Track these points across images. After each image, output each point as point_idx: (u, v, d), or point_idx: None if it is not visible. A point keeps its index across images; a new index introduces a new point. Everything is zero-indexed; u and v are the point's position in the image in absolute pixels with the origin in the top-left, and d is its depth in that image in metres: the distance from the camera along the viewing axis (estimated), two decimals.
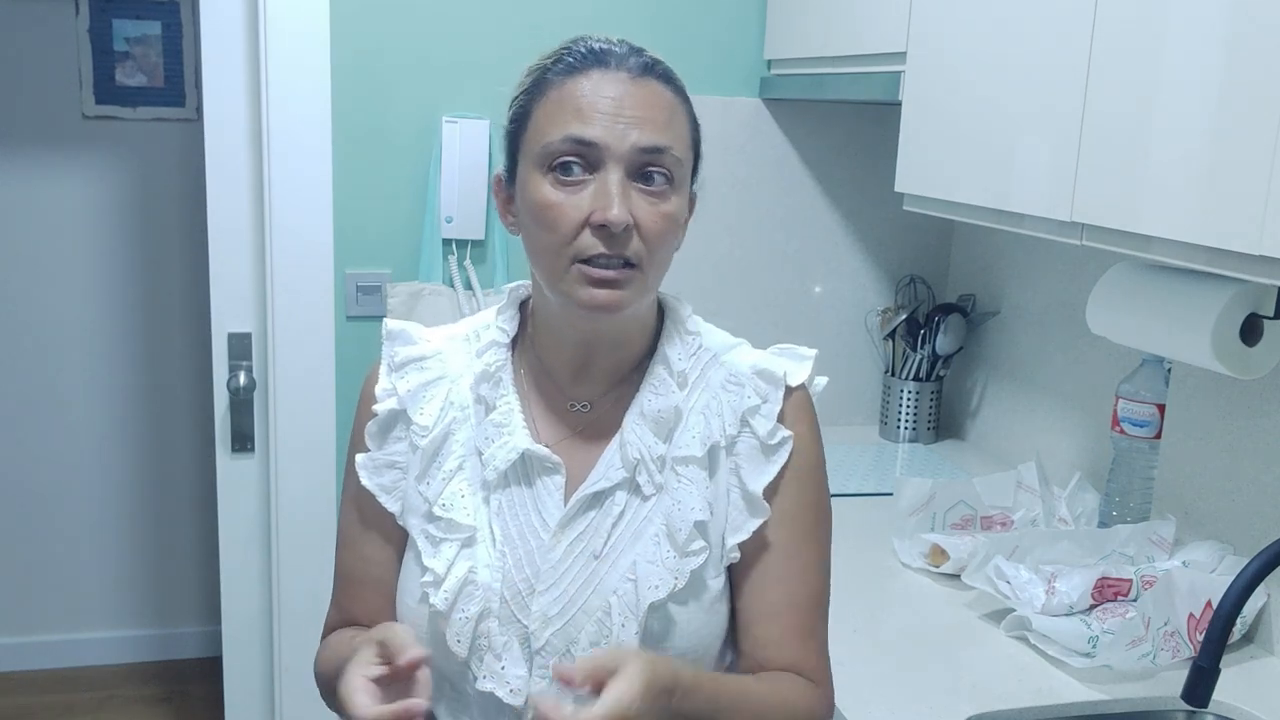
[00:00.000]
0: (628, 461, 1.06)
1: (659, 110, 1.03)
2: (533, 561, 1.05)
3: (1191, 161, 1.20)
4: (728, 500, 1.07)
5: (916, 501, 1.73)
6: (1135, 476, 1.73)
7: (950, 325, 2.25)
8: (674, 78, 1.07)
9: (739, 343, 1.16)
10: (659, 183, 1.02)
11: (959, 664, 1.42)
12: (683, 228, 1.08)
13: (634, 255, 1.00)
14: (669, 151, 1.02)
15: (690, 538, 1.04)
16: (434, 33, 2.12)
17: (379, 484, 1.10)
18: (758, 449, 1.08)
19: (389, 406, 1.10)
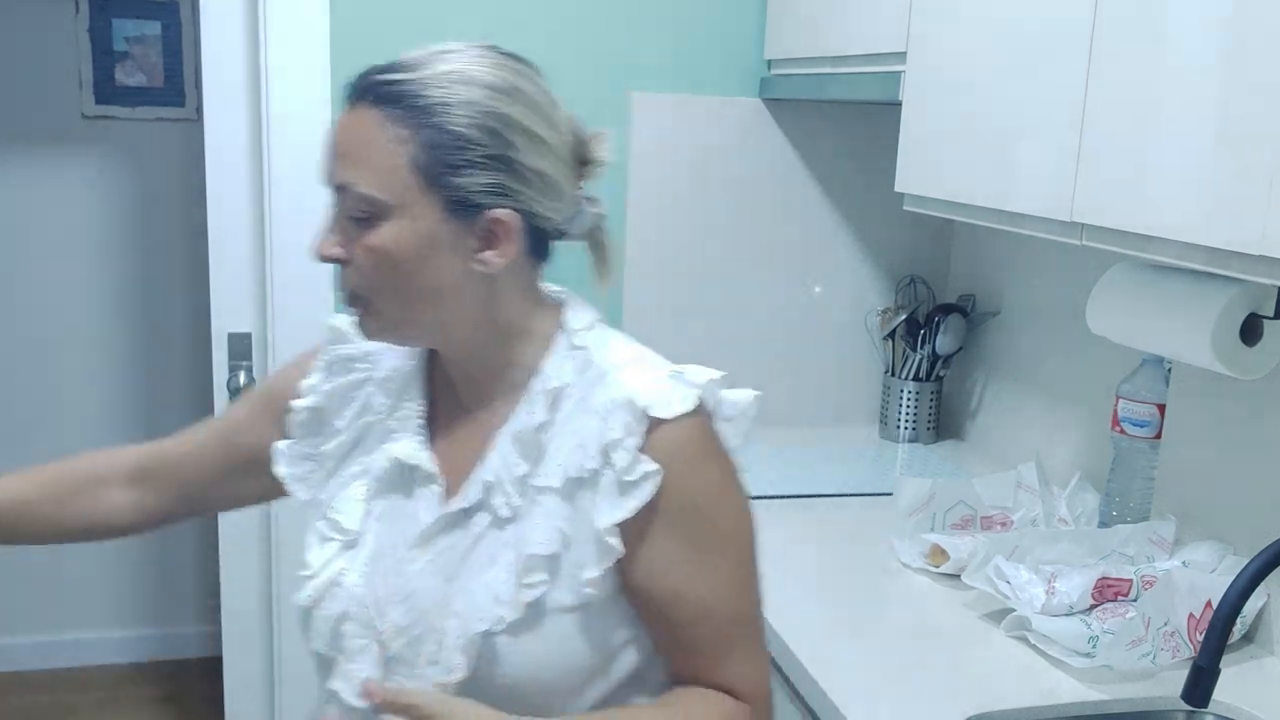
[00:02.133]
0: (485, 484, 1.04)
1: (351, 143, 1.00)
2: (398, 571, 1.06)
3: (1192, 161, 1.20)
4: (584, 536, 1.02)
5: (916, 501, 1.74)
6: (1135, 476, 1.73)
7: (950, 325, 2.25)
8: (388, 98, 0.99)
9: (635, 360, 1.09)
10: (359, 216, 1.00)
11: (959, 664, 1.42)
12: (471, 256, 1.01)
13: (351, 288, 1.03)
14: (354, 188, 0.99)
15: (529, 570, 1.01)
16: (434, 33, 2.11)
17: (293, 474, 1.14)
18: (615, 485, 1.01)
19: (307, 404, 1.14)
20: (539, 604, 1.01)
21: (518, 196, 1.01)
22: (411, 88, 0.99)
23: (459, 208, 0.99)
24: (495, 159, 0.99)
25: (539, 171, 1.02)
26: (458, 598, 1.03)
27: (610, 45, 2.19)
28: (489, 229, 1.01)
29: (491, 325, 1.05)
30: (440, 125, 0.98)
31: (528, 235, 1.03)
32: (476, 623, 1.01)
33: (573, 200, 1.07)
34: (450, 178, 0.98)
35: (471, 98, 0.99)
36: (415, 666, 1.04)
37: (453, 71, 1.00)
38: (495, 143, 0.99)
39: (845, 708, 1.30)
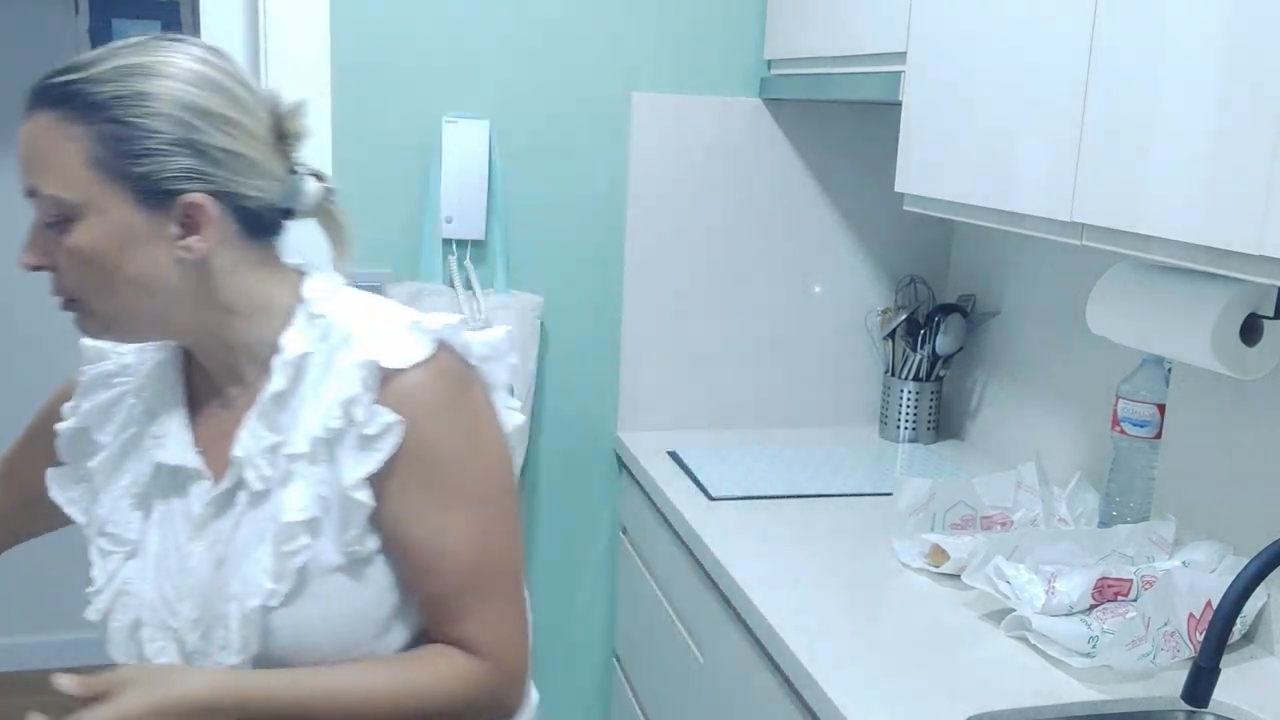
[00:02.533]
0: (236, 461, 1.06)
1: (30, 148, 1.01)
2: (180, 568, 1.08)
3: (1192, 161, 1.20)
4: (339, 497, 1.04)
5: (916, 501, 1.74)
6: (1135, 476, 1.73)
7: (950, 325, 2.25)
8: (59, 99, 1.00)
9: (375, 318, 1.09)
10: (53, 220, 1.02)
11: (959, 664, 1.42)
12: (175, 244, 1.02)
13: (65, 292, 1.04)
14: (39, 191, 1.01)
15: (289, 538, 1.03)
16: (434, 33, 2.12)
17: (67, 498, 1.16)
18: (357, 440, 1.03)
19: (70, 425, 1.16)
20: (305, 570, 1.03)
21: (211, 179, 1.02)
22: (82, 86, 0.99)
23: (149, 197, 1.00)
24: (179, 144, 1.00)
25: (230, 151, 1.03)
26: (231, 580, 1.04)
27: (610, 45, 2.19)
28: (186, 214, 1.02)
29: (216, 308, 1.06)
30: (115, 118, 0.99)
31: (235, 216, 1.04)
32: (251, 599, 1.03)
33: (282, 177, 1.08)
34: (132, 168, 0.99)
35: (145, 88, 1.00)
36: (210, 655, 1.06)
37: (125, 65, 1.01)
38: (176, 129, 1.00)
39: (845, 708, 1.30)
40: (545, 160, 2.21)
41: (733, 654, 1.69)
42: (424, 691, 1.05)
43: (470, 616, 1.07)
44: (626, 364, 2.31)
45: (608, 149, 2.23)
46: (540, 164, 2.21)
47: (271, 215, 1.09)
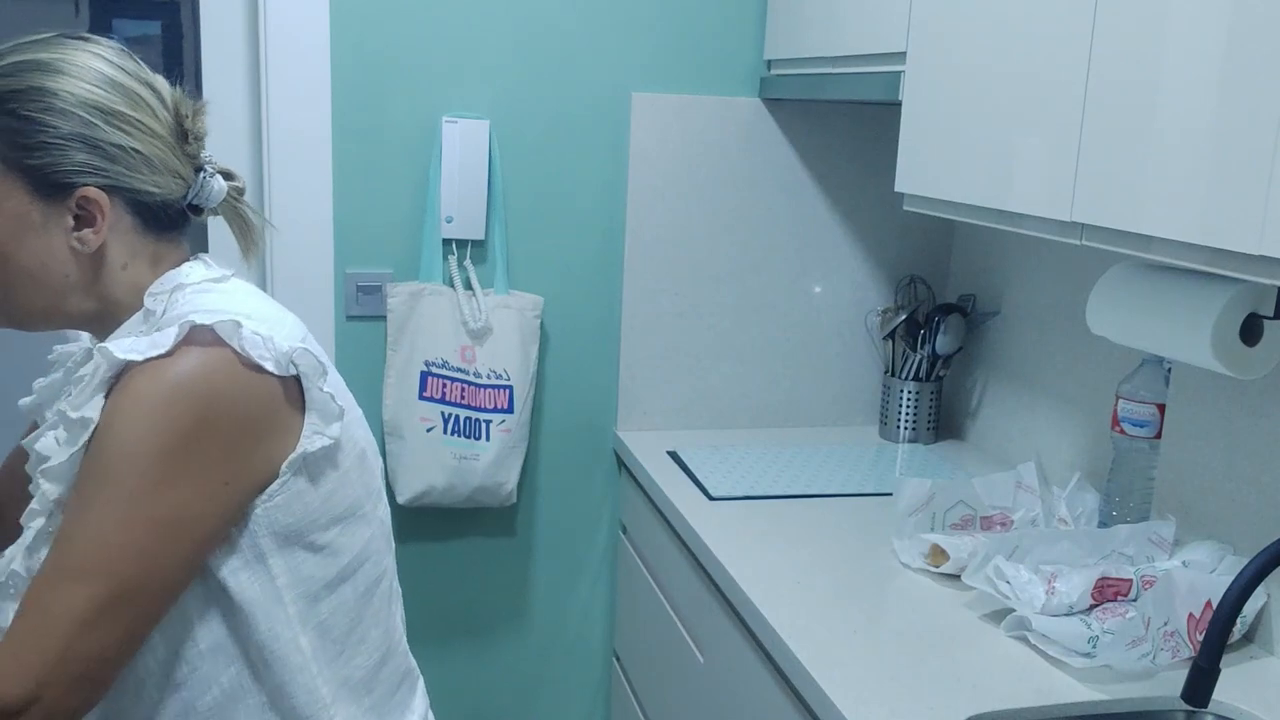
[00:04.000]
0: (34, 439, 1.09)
1: None
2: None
3: (1192, 161, 1.20)
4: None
5: (916, 501, 1.74)
6: (1135, 476, 1.73)
7: (950, 325, 2.25)
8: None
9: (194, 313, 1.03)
10: None
11: (959, 664, 1.42)
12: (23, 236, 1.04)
13: None
14: None
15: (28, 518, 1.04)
16: (434, 33, 2.12)
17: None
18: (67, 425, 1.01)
19: (27, 402, 1.23)
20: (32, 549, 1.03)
21: (106, 173, 1.05)
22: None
23: (45, 188, 1.03)
24: (76, 139, 1.03)
25: (127, 149, 1.05)
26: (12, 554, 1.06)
27: (610, 45, 2.19)
28: (81, 207, 1.05)
29: (104, 300, 1.09)
30: (13, 112, 1.03)
31: (131, 210, 1.07)
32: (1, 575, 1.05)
33: (184, 175, 1.11)
34: (27, 160, 1.03)
35: (45, 84, 1.04)
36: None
37: (26, 60, 1.06)
38: (72, 123, 1.03)
39: (845, 708, 1.30)
40: (545, 160, 2.21)
41: (733, 654, 1.69)
42: None
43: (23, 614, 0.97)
44: (626, 364, 2.31)
45: (608, 149, 2.24)
46: (540, 164, 2.21)
47: (171, 212, 1.12)
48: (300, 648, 1.09)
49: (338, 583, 1.11)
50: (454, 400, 2.14)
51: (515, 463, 2.19)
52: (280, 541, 1.06)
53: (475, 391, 2.14)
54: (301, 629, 1.09)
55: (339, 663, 1.13)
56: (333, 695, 1.12)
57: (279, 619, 1.07)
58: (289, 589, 1.08)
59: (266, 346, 1.02)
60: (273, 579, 1.07)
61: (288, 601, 1.08)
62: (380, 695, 1.19)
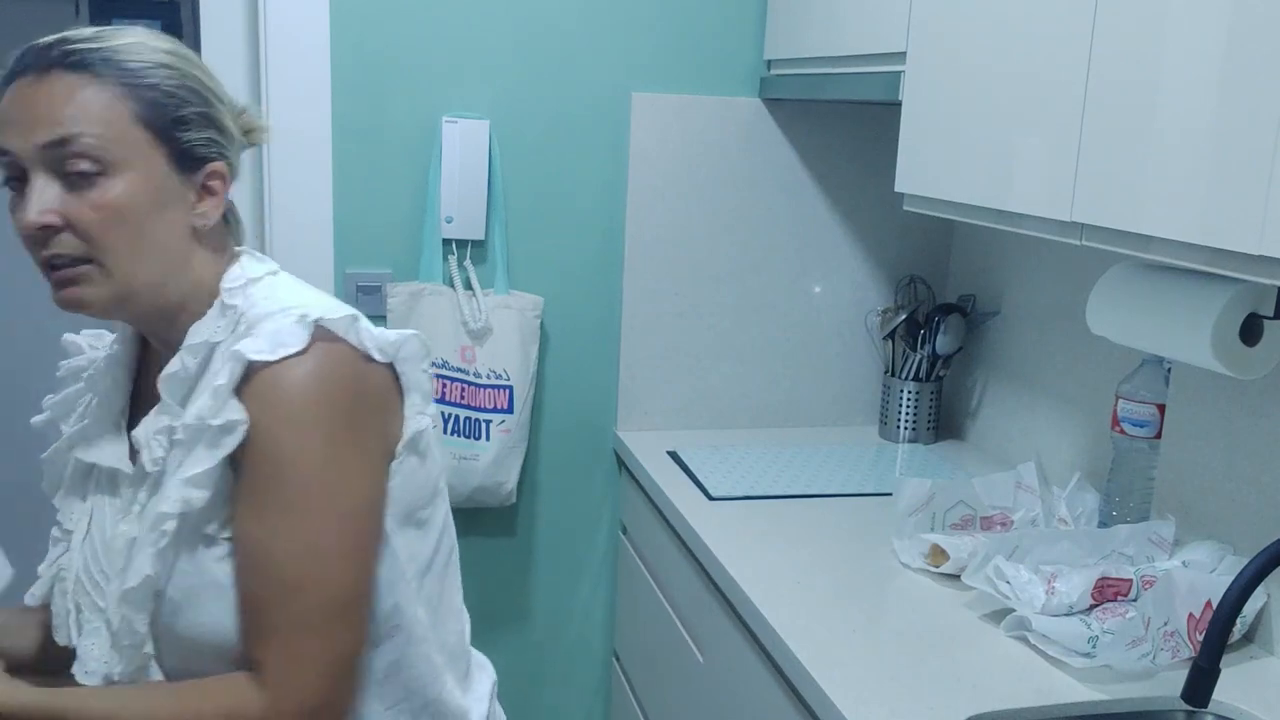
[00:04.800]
0: (136, 442, 1.09)
1: (57, 101, 1.01)
2: (108, 551, 1.11)
3: (1192, 161, 1.20)
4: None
5: (916, 501, 1.74)
6: (1135, 476, 1.73)
7: (950, 325, 2.25)
8: (89, 62, 1.02)
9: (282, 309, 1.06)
10: (84, 173, 1.01)
11: (959, 664, 1.42)
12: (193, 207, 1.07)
13: (74, 251, 1.03)
14: (78, 139, 1.00)
15: (158, 522, 1.03)
16: (434, 33, 2.12)
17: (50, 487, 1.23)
18: (210, 433, 1.01)
19: (41, 419, 1.21)
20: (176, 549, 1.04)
21: (225, 151, 1.10)
22: (108, 54, 1.03)
23: (184, 160, 1.06)
24: (204, 116, 1.07)
25: (230, 133, 1.11)
26: (138, 556, 1.05)
27: (610, 45, 2.19)
28: (206, 183, 1.08)
29: (185, 291, 1.09)
30: (155, 85, 1.04)
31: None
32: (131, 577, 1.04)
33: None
34: (175, 131, 1.05)
35: (167, 62, 1.06)
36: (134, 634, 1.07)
37: (138, 42, 1.07)
38: (200, 101, 1.07)
39: (845, 708, 1.30)
40: (545, 160, 2.21)
41: (733, 654, 1.69)
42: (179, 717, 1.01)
43: (273, 638, 1.00)
44: (626, 364, 2.31)
45: (608, 149, 2.24)
46: (540, 164, 2.21)
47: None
48: (420, 619, 1.14)
49: (434, 555, 1.16)
50: (454, 400, 2.14)
51: (515, 463, 2.19)
52: (399, 521, 1.10)
53: (475, 391, 2.14)
54: (418, 601, 1.13)
55: (441, 631, 1.18)
56: (442, 662, 1.18)
57: (405, 595, 1.11)
58: (408, 565, 1.12)
59: (375, 338, 1.06)
60: (396, 558, 1.10)
61: (410, 577, 1.12)
62: (465, 661, 1.26)
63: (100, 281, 1.03)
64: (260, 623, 1.02)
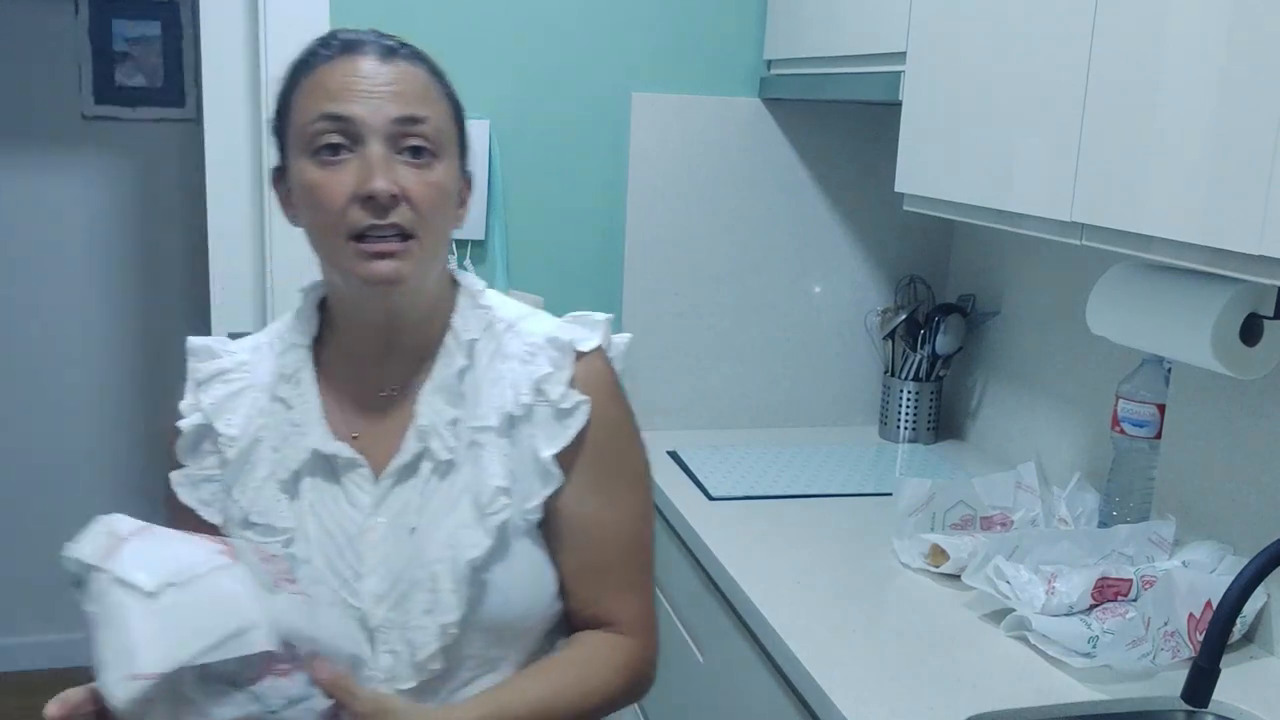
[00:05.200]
0: (420, 432, 1.09)
1: (411, 84, 1.06)
2: (353, 547, 1.08)
3: (1191, 161, 1.20)
4: (520, 469, 1.10)
5: (916, 501, 1.73)
6: (1135, 476, 1.73)
7: (950, 325, 2.25)
8: (425, 59, 1.11)
9: (533, 313, 1.18)
10: (422, 153, 1.05)
11: (959, 664, 1.42)
12: (457, 202, 1.11)
13: (407, 224, 1.04)
14: (427, 121, 1.05)
15: (492, 500, 1.08)
16: (434, 33, 2.12)
17: (198, 499, 1.14)
18: (551, 416, 1.11)
19: (193, 422, 1.14)
20: (504, 530, 1.08)
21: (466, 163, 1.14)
22: (430, 57, 1.12)
23: (463, 161, 1.12)
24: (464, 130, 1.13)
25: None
26: (429, 546, 1.07)
27: (610, 45, 2.19)
28: (463, 187, 1.13)
29: (442, 279, 1.15)
30: (451, 93, 1.12)
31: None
32: (466, 551, 1.06)
33: None
34: (463, 137, 1.12)
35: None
36: (407, 627, 1.06)
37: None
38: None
39: (845, 708, 1.30)
40: (545, 160, 2.21)
41: (733, 654, 1.69)
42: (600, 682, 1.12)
43: (621, 594, 1.15)
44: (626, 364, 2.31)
45: (608, 149, 2.23)
46: (540, 164, 2.21)
47: None
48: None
49: None
50: None
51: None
52: None
53: None
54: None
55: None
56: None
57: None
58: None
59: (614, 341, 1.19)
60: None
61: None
62: None
63: (417, 258, 1.05)
64: (608, 582, 1.14)
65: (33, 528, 3.27)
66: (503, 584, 1.09)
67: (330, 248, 1.05)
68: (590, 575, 1.14)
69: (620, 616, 1.15)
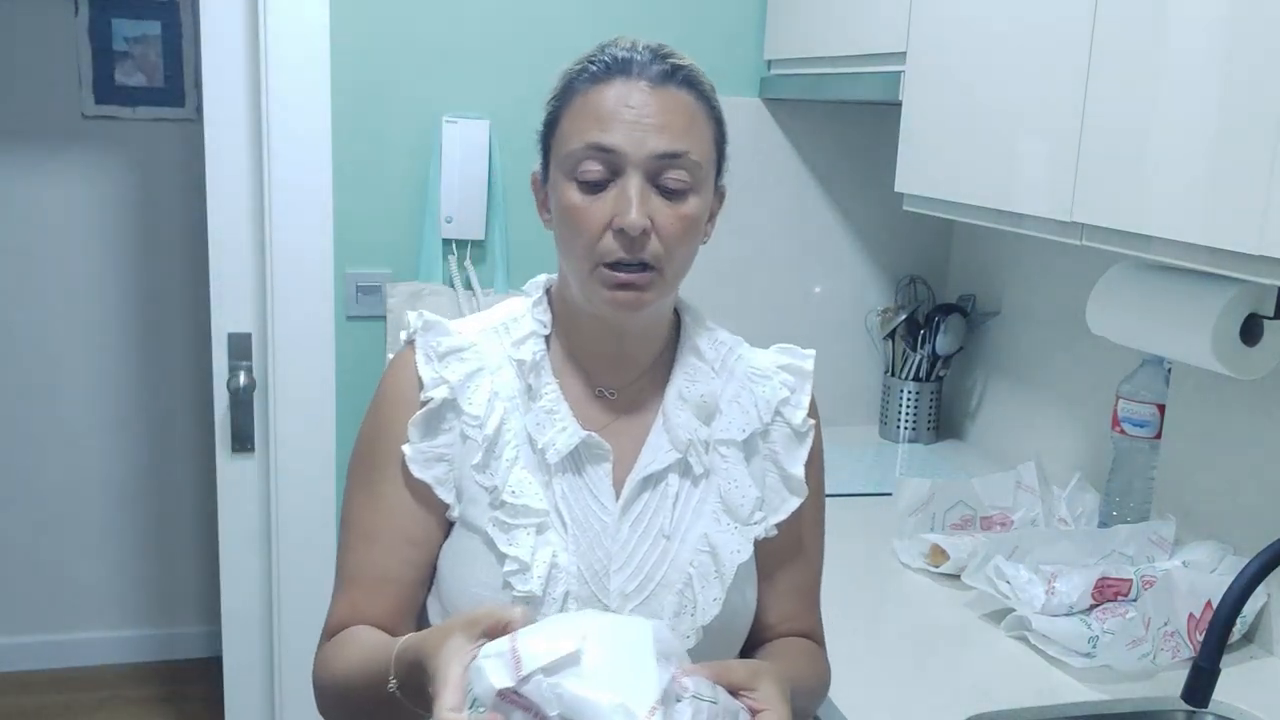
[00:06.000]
0: (679, 443, 1.11)
1: (677, 116, 1.05)
2: (601, 543, 1.08)
3: (1191, 161, 1.20)
4: (764, 484, 1.14)
5: (916, 501, 1.74)
6: (1135, 476, 1.73)
7: (950, 325, 2.25)
8: (697, 82, 1.09)
9: (739, 339, 1.23)
10: (678, 186, 1.05)
11: (959, 664, 1.42)
12: (706, 225, 1.12)
13: (652, 258, 1.05)
14: (687, 156, 1.05)
15: (752, 511, 1.11)
16: (434, 33, 2.12)
17: (433, 476, 1.09)
18: (791, 436, 1.17)
19: (441, 395, 1.08)
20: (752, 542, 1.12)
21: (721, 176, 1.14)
22: (703, 78, 1.09)
23: (718, 181, 1.12)
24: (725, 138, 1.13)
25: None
26: (682, 550, 1.09)
27: None
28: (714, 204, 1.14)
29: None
30: (717, 110, 1.11)
31: None
32: (731, 556, 1.09)
33: None
34: (723, 158, 1.12)
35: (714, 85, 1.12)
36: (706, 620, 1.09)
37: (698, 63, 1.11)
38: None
39: (845, 708, 1.30)
40: None
41: None
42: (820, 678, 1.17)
43: (816, 609, 1.22)
44: None
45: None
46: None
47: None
48: None
49: None
50: None
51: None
52: None
53: None
54: None
55: None
56: None
57: None
58: None
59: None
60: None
61: None
62: None
63: (659, 288, 1.07)
64: (811, 598, 1.21)
65: (32, 527, 3.27)
66: (749, 593, 1.13)
67: (579, 269, 1.06)
68: (799, 592, 1.19)
69: (817, 630, 1.21)
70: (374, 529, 1.11)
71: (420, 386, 1.09)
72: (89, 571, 3.31)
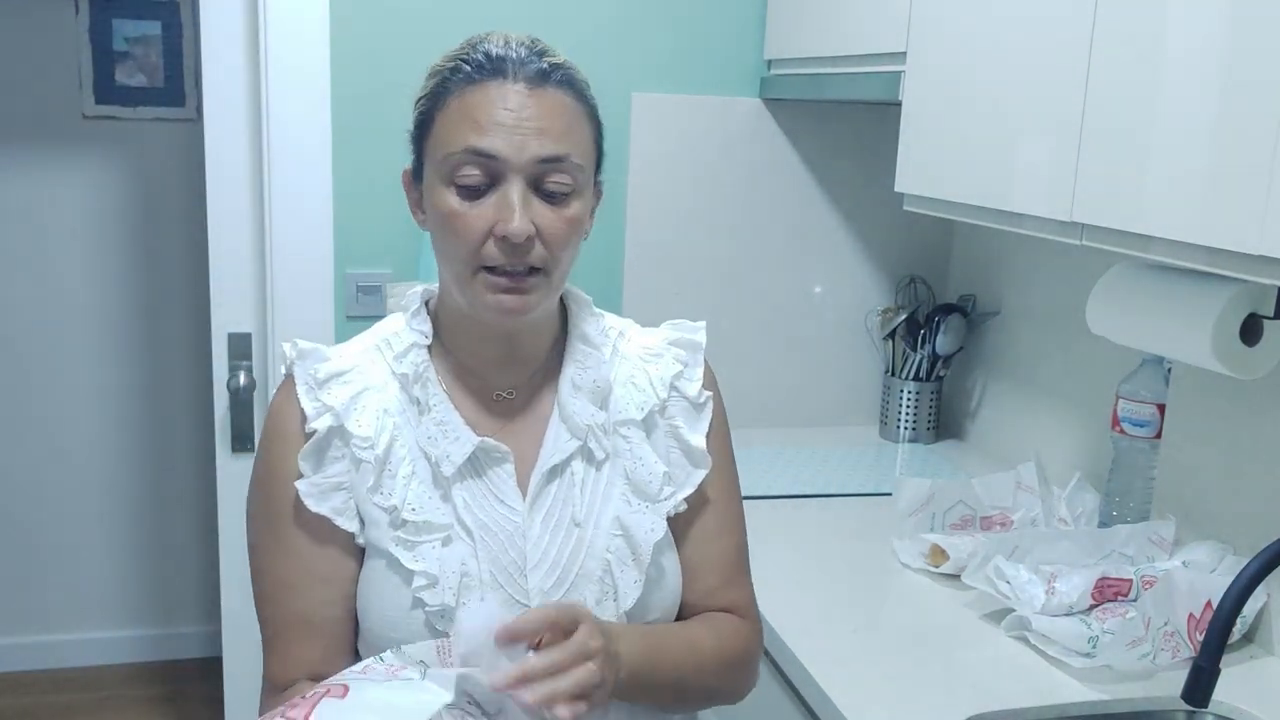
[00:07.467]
0: (577, 430, 1.11)
1: (557, 119, 1.04)
2: (514, 544, 1.07)
3: (1191, 161, 1.20)
4: (669, 459, 1.14)
5: (916, 501, 1.74)
6: (1135, 476, 1.73)
7: (950, 325, 2.25)
8: (574, 81, 1.08)
9: (630, 322, 1.22)
10: (560, 190, 1.04)
11: (959, 664, 1.42)
12: (587, 224, 1.11)
13: (537, 261, 1.04)
14: (568, 159, 1.04)
15: (660, 487, 1.12)
16: (434, 32, 2.12)
17: (331, 508, 1.06)
18: (689, 408, 1.16)
19: (326, 424, 1.06)
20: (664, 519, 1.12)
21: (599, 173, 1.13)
22: (578, 75, 1.09)
23: (596, 180, 1.11)
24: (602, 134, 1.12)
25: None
26: (597, 538, 1.09)
27: (610, 45, 2.19)
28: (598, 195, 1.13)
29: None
30: (596, 110, 1.10)
31: None
32: (647, 535, 1.10)
33: None
34: (601, 158, 1.11)
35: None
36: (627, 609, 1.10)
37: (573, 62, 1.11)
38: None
39: (845, 708, 1.30)
40: None
41: None
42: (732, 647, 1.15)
43: (741, 579, 1.20)
44: None
45: (608, 149, 2.23)
46: None
47: None
48: None
49: None
50: None
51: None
52: None
53: None
54: None
55: None
56: None
57: None
58: None
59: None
60: None
61: None
62: None
63: (543, 291, 1.06)
64: (731, 570, 1.19)
65: (32, 528, 3.27)
66: (669, 570, 1.12)
67: (459, 275, 1.05)
68: (719, 564, 1.17)
69: (741, 602, 1.19)
70: (286, 575, 1.08)
71: (304, 419, 1.07)
72: (89, 571, 3.31)
